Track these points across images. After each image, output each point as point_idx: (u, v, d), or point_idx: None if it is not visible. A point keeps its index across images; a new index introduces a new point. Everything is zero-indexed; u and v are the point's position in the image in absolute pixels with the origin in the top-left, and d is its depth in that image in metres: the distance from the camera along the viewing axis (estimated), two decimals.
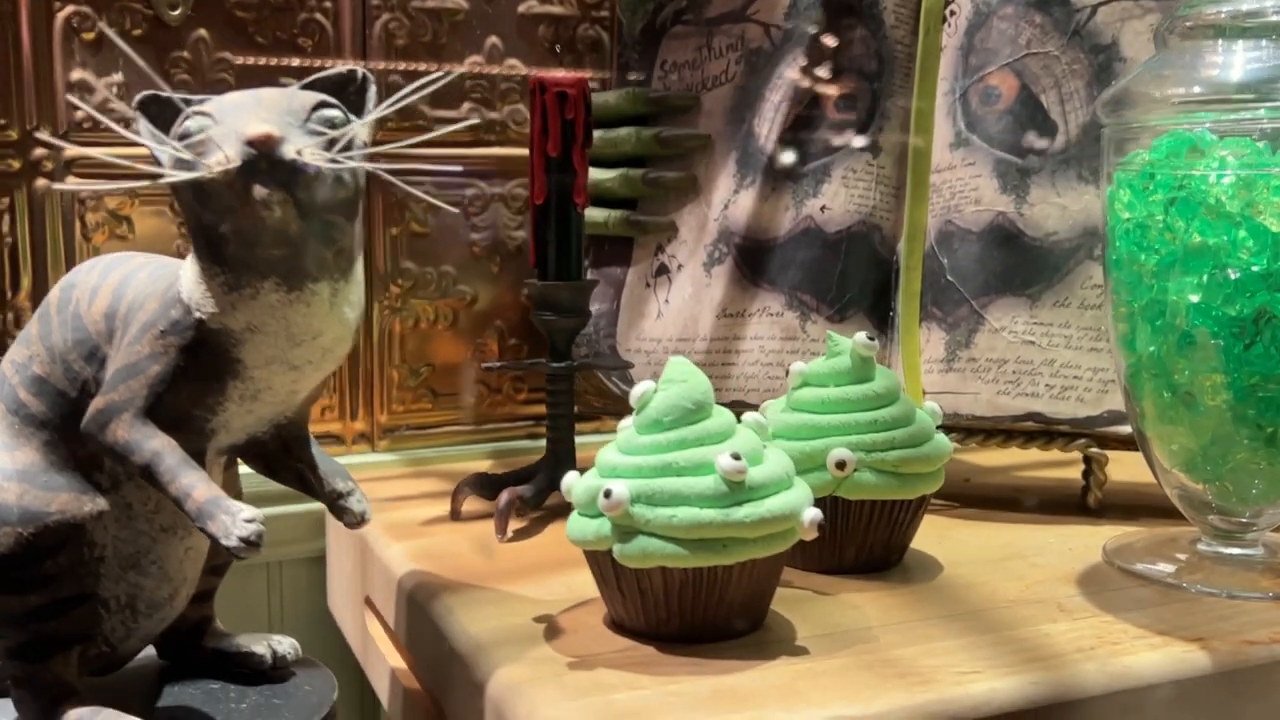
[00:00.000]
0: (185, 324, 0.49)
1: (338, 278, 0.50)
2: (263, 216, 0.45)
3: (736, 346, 0.80)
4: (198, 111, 0.47)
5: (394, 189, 0.49)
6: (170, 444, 0.49)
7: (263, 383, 0.51)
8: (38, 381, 0.54)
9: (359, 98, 0.51)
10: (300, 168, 0.45)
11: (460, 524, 0.74)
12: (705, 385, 0.52)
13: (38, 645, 0.53)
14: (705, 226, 0.83)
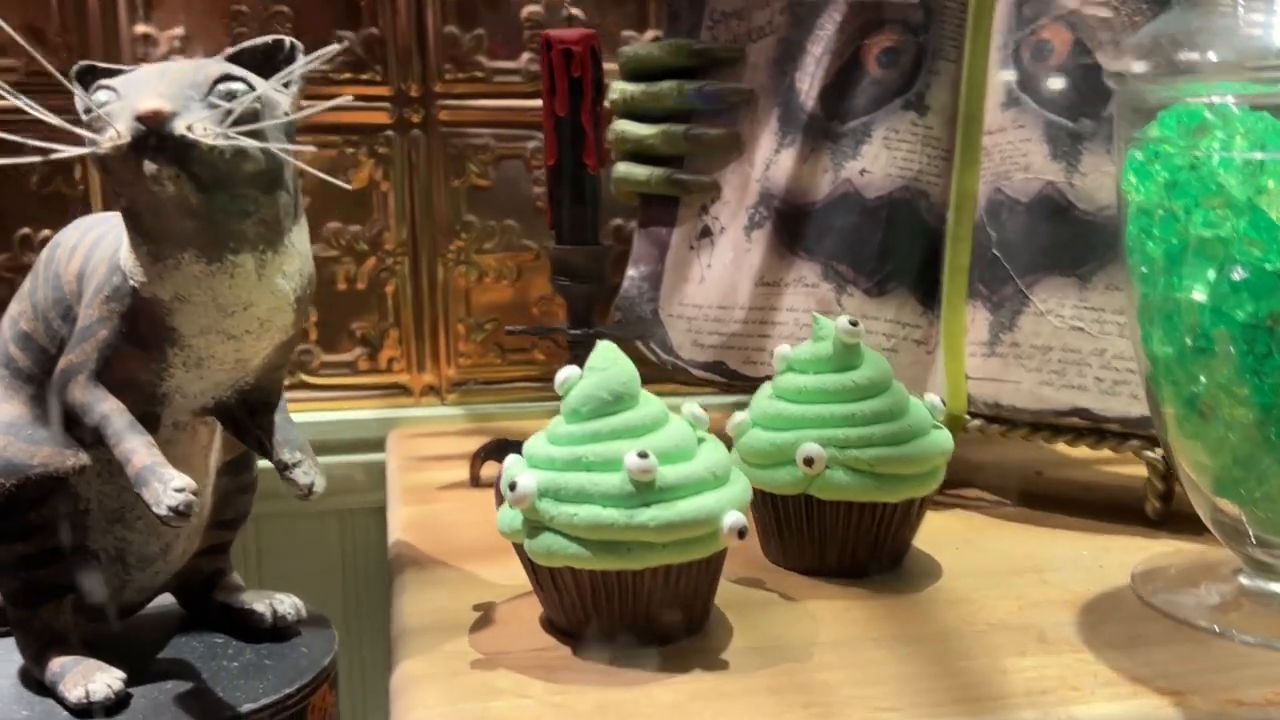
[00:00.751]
0: (124, 291, 0.49)
1: (263, 249, 0.49)
2: (155, 191, 0.45)
3: (773, 318, 0.76)
4: (104, 85, 0.47)
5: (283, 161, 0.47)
6: (119, 408, 0.50)
7: (203, 351, 0.51)
8: (24, 338, 0.55)
9: (288, 66, 0.50)
10: (190, 143, 0.45)
11: (477, 490, 0.73)
12: (628, 374, 0.49)
13: (29, 592, 0.55)
14: (748, 187, 0.78)
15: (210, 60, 0.48)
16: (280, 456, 0.54)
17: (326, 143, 0.89)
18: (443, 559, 0.61)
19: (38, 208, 0.85)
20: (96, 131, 0.46)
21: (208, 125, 0.45)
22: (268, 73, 0.50)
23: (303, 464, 0.55)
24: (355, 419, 0.93)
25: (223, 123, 0.46)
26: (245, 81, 0.47)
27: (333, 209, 0.90)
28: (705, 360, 0.79)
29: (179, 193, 0.45)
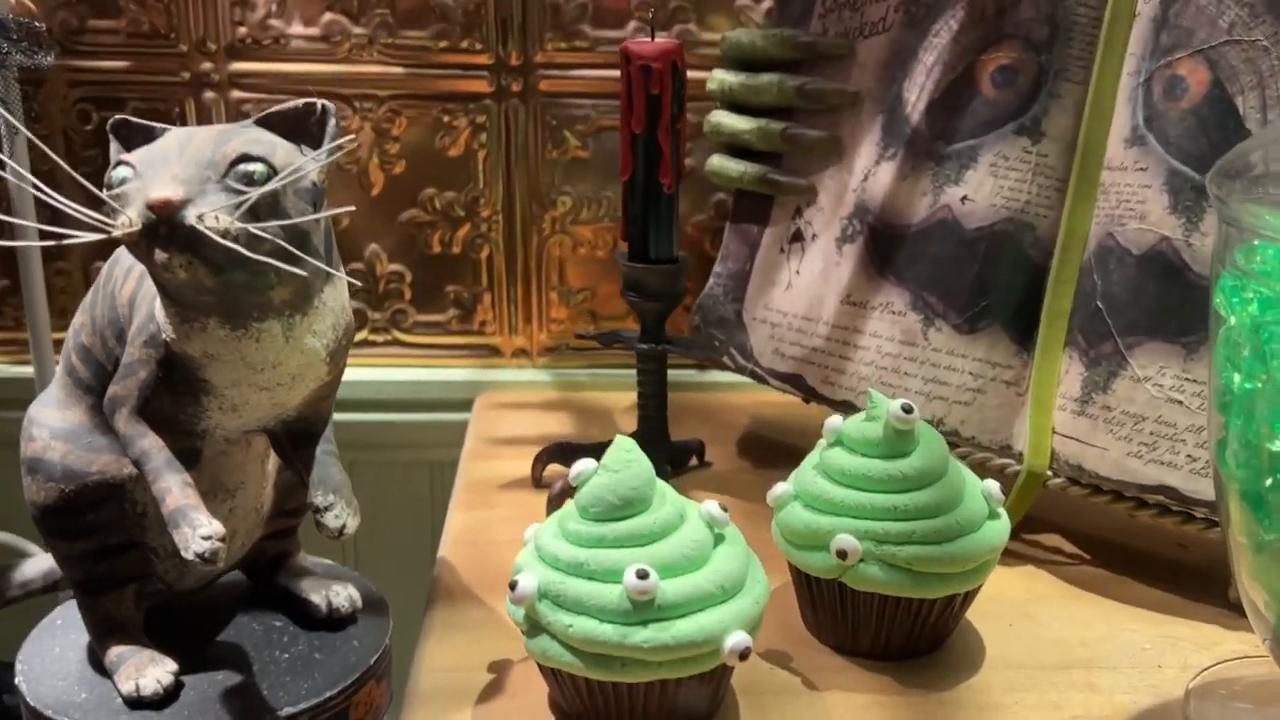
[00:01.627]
0: (159, 340, 0.50)
1: (290, 314, 0.48)
2: (163, 276, 0.45)
3: (855, 340, 0.71)
4: (124, 161, 0.46)
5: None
6: (158, 444, 0.51)
7: (238, 399, 0.51)
8: (84, 350, 0.57)
9: (319, 130, 0.49)
10: (199, 233, 0.44)
11: (534, 494, 0.73)
12: (643, 476, 0.47)
13: (91, 582, 0.58)
14: (844, 195, 0.73)
15: (233, 131, 0.46)
16: (313, 500, 0.55)
17: (424, 109, 0.87)
18: (479, 590, 0.61)
19: None
20: (115, 209, 0.45)
21: (220, 214, 0.44)
22: (298, 137, 0.48)
23: (334, 508, 0.55)
24: (446, 378, 0.93)
25: (238, 209, 0.44)
26: (265, 161, 0.45)
27: (429, 175, 0.89)
28: (784, 371, 0.75)
29: (192, 278, 0.45)
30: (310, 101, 0.48)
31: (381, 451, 0.93)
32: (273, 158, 0.46)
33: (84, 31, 0.83)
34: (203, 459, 0.53)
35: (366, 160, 0.88)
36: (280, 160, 0.46)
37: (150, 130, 0.49)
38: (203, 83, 0.85)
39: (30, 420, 0.58)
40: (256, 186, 0.45)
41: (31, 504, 0.57)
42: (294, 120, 0.48)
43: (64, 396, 0.58)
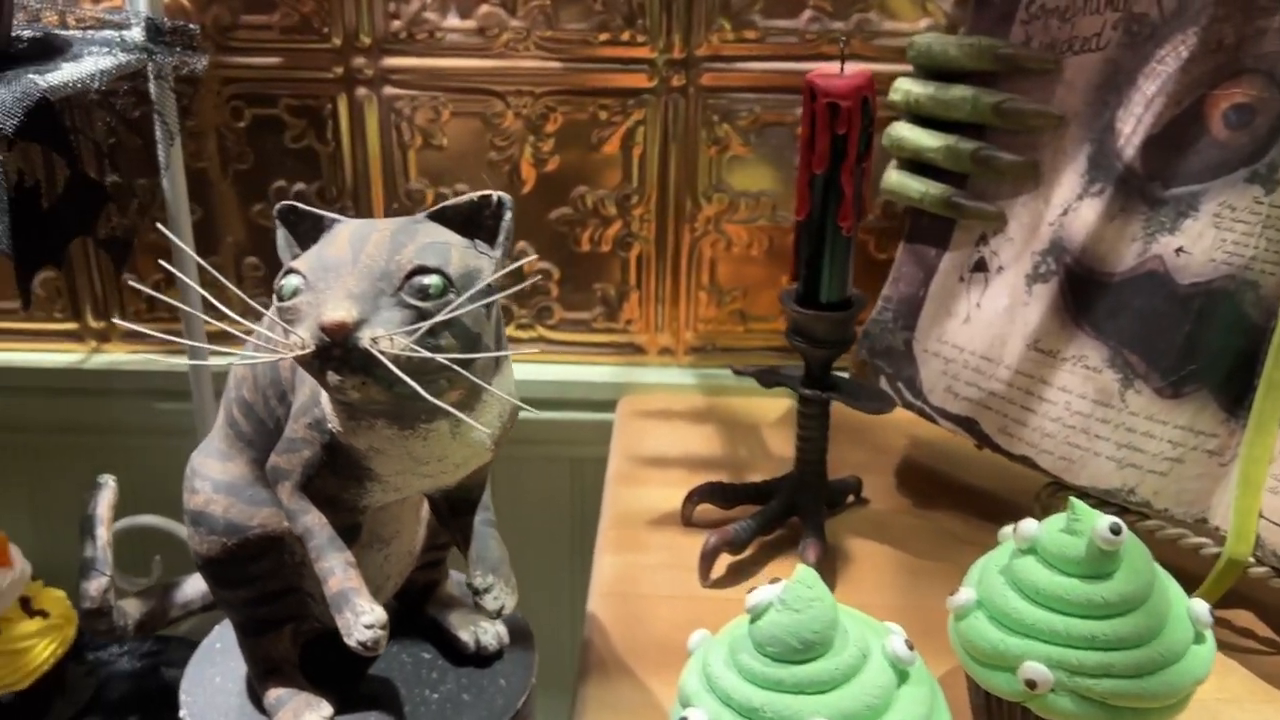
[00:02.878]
0: (323, 428, 0.49)
1: (452, 413, 0.46)
2: (336, 399, 0.43)
3: (1041, 392, 0.66)
4: (294, 269, 0.44)
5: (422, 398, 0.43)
6: (321, 522, 0.50)
7: (401, 484, 0.50)
8: (245, 404, 0.56)
9: (495, 222, 0.46)
10: (373, 356, 0.42)
11: (686, 533, 0.70)
12: (826, 618, 0.43)
13: (251, 624, 0.59)
14: (1038, 229, 0.67)
15: (406, 233, 0.44)
16: (473, 580, 0.54)
17: (580, 105, 0.83)
18: (632, 661, 0.59)
19: (293, 161, 0.84)
20: (286, 322, 0.43)
21: (395, 336, 0.42)
22: (472, 229, 0.46)
23: (494, 589, 0.54)
24: (589, 377, 0.91)
25: (414, 325, 0.42)
26: (440, 272, 0.43)
27: (582, 173, 0.85)
28: (956, 413, 0.70)
29: (364, 397, 0.43)
30: (486, 195, 0.45)
31: (522, 447, 0.91)
32: (448, 266, 0.43)
33: (237, 28, 0.81)
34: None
35: (519, 157, 0.84)
36: (456, 268, 0.44)
37: (319, 219, 0.47)
38: (355, 79, 0.82)
39: (193, 472, 0.58)
40: (432, 300, 0.43)
41: (195, 554, 0.58)
42: (468, 213, 0.46)
43: (225, 448, 0.57)
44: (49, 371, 0.90)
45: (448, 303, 0.43)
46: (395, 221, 0.45)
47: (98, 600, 0.62)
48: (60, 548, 0.96)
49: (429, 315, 0.43)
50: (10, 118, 0.59)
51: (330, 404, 0.47)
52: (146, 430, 0.91)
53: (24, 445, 0.93)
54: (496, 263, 0.46)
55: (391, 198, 0.85)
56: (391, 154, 0.83)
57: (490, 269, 0.45)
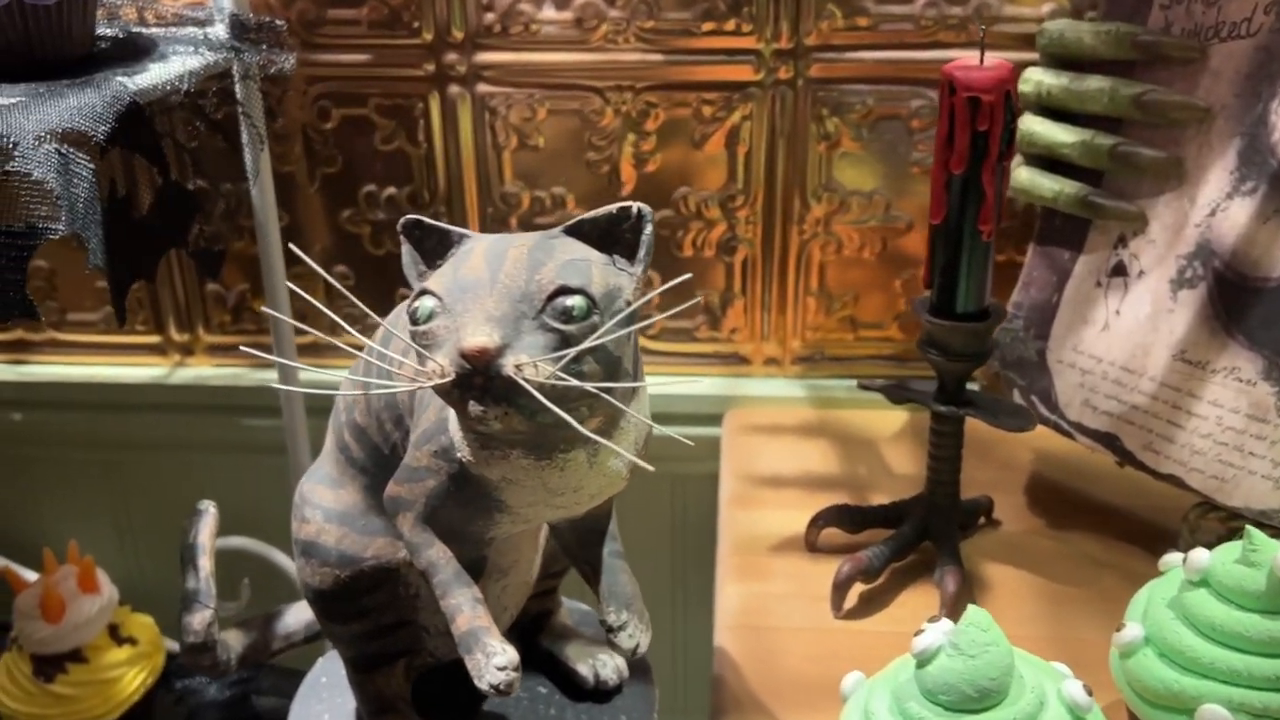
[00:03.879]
0: (451, 456, 0.48)
1: (597, 442, 0.45)
2: (476, 429, 0.42)
3: (1189, 406, 0.64)
4: (429, 291, 0.43)
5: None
6: (446, 556, 0.50)
7: (532, 515, 0.50)
8: (358, 429, 0.56)
9: (634, 236, 0.45)
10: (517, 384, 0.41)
11: (811, 560, 0.69)
12: (1002, 663, 0.42)
13: (363, 660, 0.59)
14: (1182, 230, 0.65)
15: (544, 250, 0.43)
16: (606, 617, 0.53)
17: (682, 100, 0.82)
18: (768, 699, 0.58)
19: (383, 164, 0.84)
20: (422, 347, 0.43)
21: (540, 362, 0.41)
22: (609, 244, 0.45)
23: (628, 626, 0.53)
24: (690, 390, 0.90)
25: (558, 351, 0.41)
26: (584, 293, 0.42)
27: (684, 173, 0.84)
28: (1096, 428, 0.69)
29: (506, 428, 0.42)
30: (625, 206, 0.44)
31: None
32: (590, 286, 0.43)
33: (323, 23, 0.81)
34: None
35: (618, 157, 0.83)
36: (598, 287, 0.43)
37: (446, 234, 0.46)
38: (447, 77, 0.82)
39: (303, 500, 0.58)
40: (576, 323, 0.42)
41: (305, 586, 0.58)
42: (606, 227, 0.45)
43: (337, 475, 0.57)
44: (131, 387, 0.91)
45: (592, 325, 0.42)
46: (531, 237, 0.45)
47: (202, 635, 0.62)
48: (145, 570, 0.97)
49: (572, 338, 0.42)
50: (101, 124, 0.59)
51: (460, 432, 0.47)
52: (232, 447, 0.92)
53: (105, 463, 0.94)
54: (637, 280, 0.45)
55: (486, 202, 0.85)
56: (485, 155, 0.83)
57: (631, 287, 0.44)
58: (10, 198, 0.57)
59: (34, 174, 0.56)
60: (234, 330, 0.90)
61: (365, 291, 0.89)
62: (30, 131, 0.55)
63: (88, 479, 0.95)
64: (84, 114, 0.58)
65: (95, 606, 0.82)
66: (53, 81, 0.62)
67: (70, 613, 0.80)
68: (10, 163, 0.56)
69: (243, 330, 0.90)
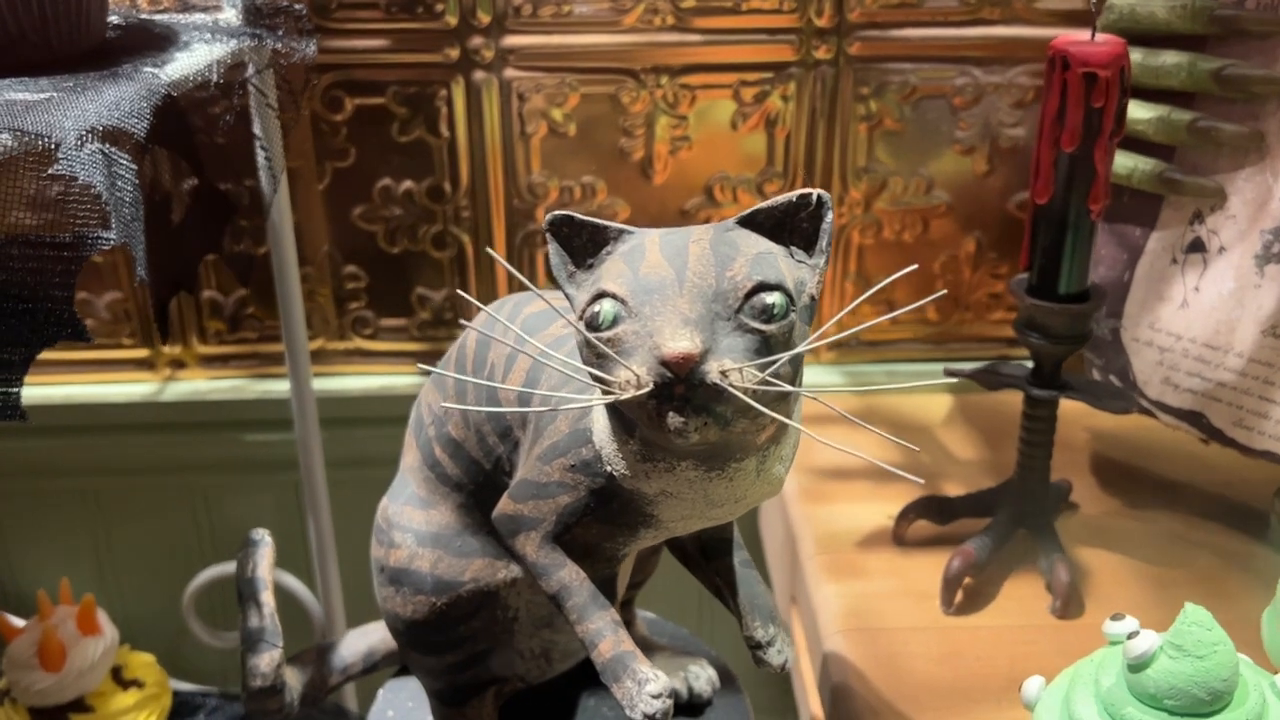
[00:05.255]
0: (596, 470, 0.47)
1: (768, 448, 0.45)
2: (673, 442, 0.41)
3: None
4: (610, 294, 0.42)
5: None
6: (579, 577, 0.49)
7: (680, 528, 0.49)
8: (453, 443, 0.55)
9: (812, 225, 0.44)
10: (722, 391, 0.40)
11: (901, 553, 0.70)
12: (1231, 663, 0.43)
13: (454, 692, 0.58)
14: (1266, 205, 0.68)
15: (727, 246, 0.42)
16: (753, 633, 0.53)
17: (719, 81, 0.82)
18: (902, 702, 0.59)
19: (400, 157, 0.83)
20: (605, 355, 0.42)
21: (745, 367, 0.40)
22: (784, 234, 0.44)
23: (776, 641, 0.53)
24: None
25: (757, 352, 0.41)
26: (781, 289, 0.41)
27: (720, 158, 0.84)
28: (1179, 406, 0.71)
29: (703, 439, 0.41)
30: (805, 194, 0.43)
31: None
32: (785, 281, 0.42)
33: (337, 6, 0.79)
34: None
35: (653, 144, 0.83)
36: (791, 282, 0.42)
37: (601, 231, 0.45)
38: (472, 62, 0.80)
39: (389, 523, 0.57)
40: (776, 322, 0.41)
41: (395, 616, 0.56)
42: (781, 216, 0.44)
43: (426, 494, 0.56)
44: (117, 406, 0.87)
45: (790, 324, 0.41)
46: (706, 230, 0.43)
47: (270, 677, 0.60)
48: (130, 605, 0.94)
49: (772, 338, 0.41)
50: (139, 120, 0.56)
51: (615, 444, 0.46)
52: (232, 467, 0.89)
53: (84, 491, 0.90)
54: (820, 272, 0.44)
55: (512, 193, 0.84)
56: (512, 144, 0.82)
57: (814, 280, 0.44)
58: (54, 205, 0.54)
59: (80, 177, 0.53)
60: (232, 340, 0.87)
61: (378, 294, 0.87)
62: (71, 130, 0.52)
63: (64, 510, 0.91)
64: (122, 110, 0.55)
65: (98, 649, 0.79)
66: (76, 74, 0.58)
67: (72, 658, 0.77)
68: (54, 166, 0.53)
69: (242, 339, 0.88)
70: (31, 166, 0.50)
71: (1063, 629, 0.64)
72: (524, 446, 0.52)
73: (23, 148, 0.49)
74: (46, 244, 0.51)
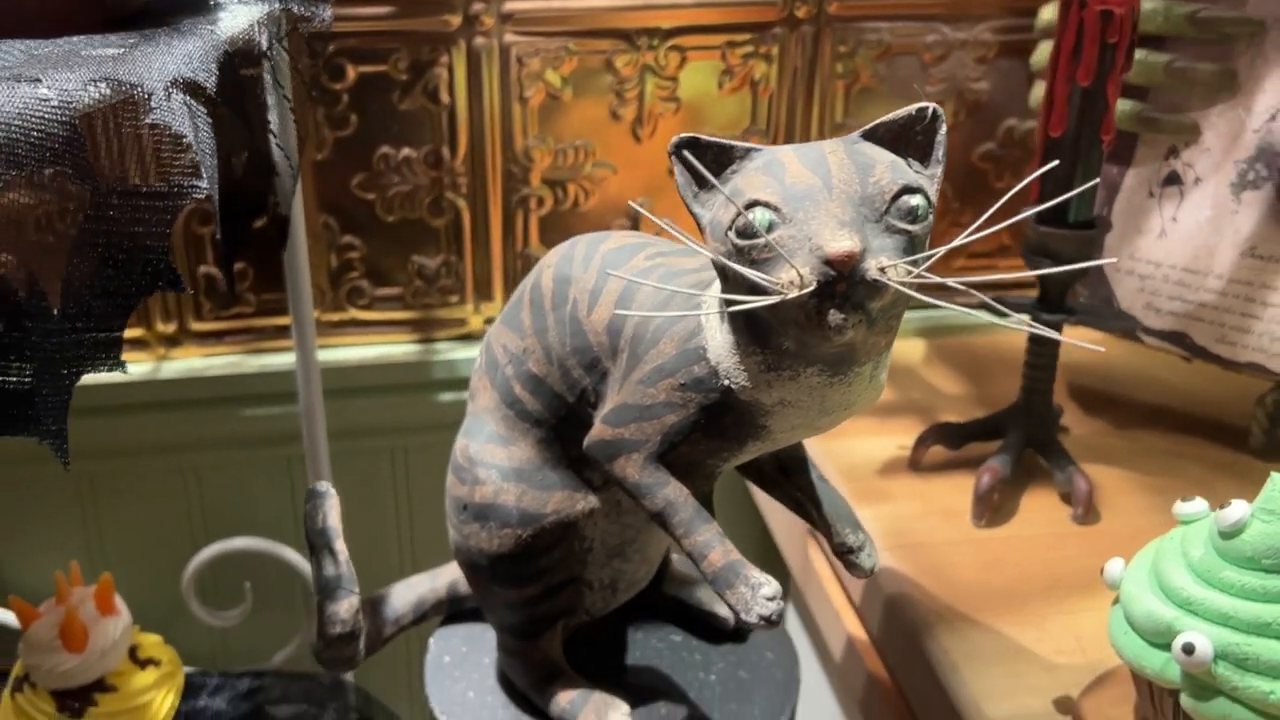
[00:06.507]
0: (710, 385, 0.47)
1: (882, 354, 0.46)
2: (830, 339, 0.42)
3: (1264, 297, 0.71)
4: (763, 202, 0.42)
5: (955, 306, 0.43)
6: (683, 494, 0.49)
7: (785, 439, 0.50)
8: (534, 380, 0.54)
9: (927, 138, 0.45)
10: (880, 287, 0.41)
11: (920, 478, 0.72)
12: None
13: (530, 625, 0.58)
14: (1240, 138, 0.72)
15: (861, 155, 0.43)
16: (843, 539, 0.54)
17: (708, 42, 0.83)
18: (958, 605, 0.60)
19: (400, 125, 0.81)
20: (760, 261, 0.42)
21: (899, 263, 0.41)
22: (901, 147, 0.45)
23: (866, 546, 0.54)
24: None
25: (908, 251, 0.42)
26: (923, 193, 0.43)
27: (703, 118, 0.85)
28: (1162, 328, 0.75)
29: (857, 336, 0.42)
30: (922, 107, 0.45)
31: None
32: (925, 186, 0.43)
33: None
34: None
35: (643, 107, 0.83)
36: (926, 186, 0.43)
37: (726, 150, 0.45)
38: (473, 27, 0.79)
39: (471, 461, 0.56)
40: (919, 223, 0.42)
41: (479, 552, 0.56)
42: (900, 130, 0.45)
43: (505, 432, 0.56)
44: (108, 388, 0.83)
45: (930, 225, 0.43)
46: (834, 143, 0.44)
47: (350, 622, 0.59)
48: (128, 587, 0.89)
49: (917, 239, 0.42)
50: (208, 74, 0.54)
51: (735, 357, 0.46)
52: (229, 443, 0.86)
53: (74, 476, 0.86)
54: (937, 182, 0.45)
55: (509, 159, 0.83)
56: (510, 110, 0.81)
57: (932, 189, 0.45)
58: (147, 154, 0.52)
59: (173, 127, 0.52)
60: (229, 315, 0.85)
61: (376, 263, 0.85)
62: (158, 81, 0.51)
63: (55, 496, 0.87)
64: (194, 63, 0.53)
65: (118, 629, 0.75)
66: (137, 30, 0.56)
67: (94, 638, 0.74)
68: (149, 115, 0.51)
69: (239, 314, 0.85)
70: (128, 116, 0.48)
71: (1085, 534, 0.67)
72: (614, 376, 0.52)
73: (117, 97, 0.47)
74: (143, 194, 0.49)
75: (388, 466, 0.89)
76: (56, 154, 0.47)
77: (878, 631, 0.65)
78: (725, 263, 0.43)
